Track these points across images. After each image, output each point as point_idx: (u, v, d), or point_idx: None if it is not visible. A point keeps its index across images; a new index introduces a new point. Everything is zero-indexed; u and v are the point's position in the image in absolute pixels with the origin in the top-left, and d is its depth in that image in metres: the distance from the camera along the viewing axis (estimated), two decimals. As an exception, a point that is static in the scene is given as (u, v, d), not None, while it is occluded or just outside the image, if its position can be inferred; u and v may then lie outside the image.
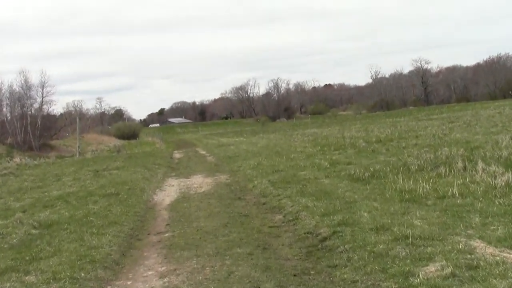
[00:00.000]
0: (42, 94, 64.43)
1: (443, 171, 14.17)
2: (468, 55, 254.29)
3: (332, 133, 40.97)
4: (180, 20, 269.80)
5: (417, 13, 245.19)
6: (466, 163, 14.78)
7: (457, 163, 14.88)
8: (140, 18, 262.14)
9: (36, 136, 58.97)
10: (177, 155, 39.09)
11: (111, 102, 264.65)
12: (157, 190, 18.40)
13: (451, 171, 14.01)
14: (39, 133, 59.87)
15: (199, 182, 19.48)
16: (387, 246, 7.82)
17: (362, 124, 53.21)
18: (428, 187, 11.99)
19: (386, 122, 53.43)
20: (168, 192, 17.81)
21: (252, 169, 20.89)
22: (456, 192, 10.99)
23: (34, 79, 64.61)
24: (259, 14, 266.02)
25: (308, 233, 9.83)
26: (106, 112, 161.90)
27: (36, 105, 64.58)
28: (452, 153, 17.50)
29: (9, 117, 62.09)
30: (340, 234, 8.99)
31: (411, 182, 12.85)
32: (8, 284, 7.92)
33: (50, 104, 67.25)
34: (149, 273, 8.40)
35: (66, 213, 13.80)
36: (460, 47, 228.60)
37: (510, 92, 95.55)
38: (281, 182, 15.88)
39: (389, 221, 9.16)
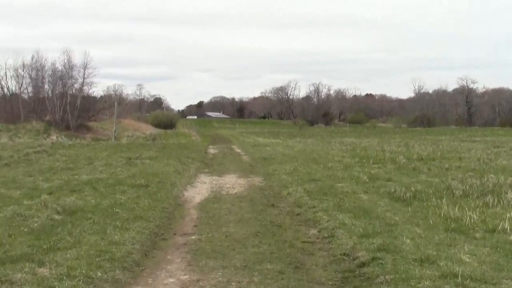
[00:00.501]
0: (84, 74, 64.81)
1: (491, 200, 13.30)
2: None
3: (371, 145, 40.03)
4: (226, 16, 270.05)
5: (466, 32, 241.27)
6: (517, 194, 13.88)
7: (507, 193, 14.02)
8: (186, 9, 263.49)
9: (74, 115, 59.29)
10: (212, 150, 38.60)
11: (151, 90, 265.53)
12: (188, 186, 17.83)
13: (500, 202, 13.12)
14: (77, 113, 60.22)
15: (232, 182, 18.87)
16: (433, 283, 7.02)
17: (402, 139, 52.19)
18: (475, 217, 11.15)
19: (427, 139, 52.35)
20: (200, 189, 17.21)
21: (288, 174, 20.20)
22: (508, 227, 10.13)
23: (77, 60, 64.86)
24: (305, 17, 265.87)
25: (344, 255, 9.08)
26: (145, 99, 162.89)
27: (77, 85, 64.87)
28: (500, 181, 16.54)
29: (49, 95, 62.41)
30: (380, 261, 8.21)
31: (456, 209, 12.03)
32: (19, 275, 7.34)
33: (90, 85, 67.66)
34: (170, 280, 7.78)
35: (92, 200, 13.31)
36: (508, 69, 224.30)
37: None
38: (317, 193, 15.15)
39: (435, 253, 8.38)
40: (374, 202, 13.58)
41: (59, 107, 58.50)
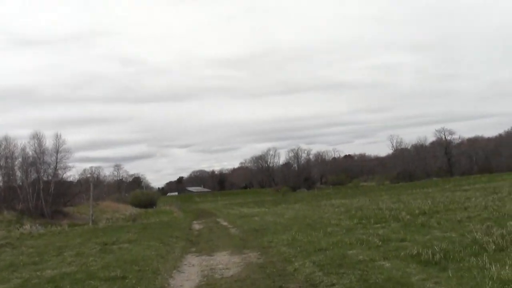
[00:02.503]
0: (56, 159, 62.06)
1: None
2: (490, 127, 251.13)
3: (364, 204, 37.84)
4: (199, 89, 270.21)
5: (436, 88, 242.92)
6: None
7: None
8: (158, 87, 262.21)
9: (48, 202, 56.67)
10: (196, 226, 36.09)
11: (130, 170, 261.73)
12: (174, 271, 14.95)
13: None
14: (51, 199, 57.66)
15: (225, 262, 16.11)
16: None
17: (389, 195, 50.17)
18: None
19: (415, 193, 50.84)
20: (188, 274, 14.37)
21: (287, 246, 17.60)
22: None
23: (48, 144, 62.29)
24: (277, 85, 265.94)
25: None
26: (124, 179, 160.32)
27: (50, 171, 62.14)
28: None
29: (21, 183, 59.77)
30: None
31: (507, 269, 9.68)
32: None
33: (65, 169, 64.80)
34: None
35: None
36: (482, 120, 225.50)
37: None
38: (330, 265, 12.56)
39: None
40: (403, 270, 11.10)
41: (32, 194, 55.80)
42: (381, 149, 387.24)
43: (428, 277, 10.15)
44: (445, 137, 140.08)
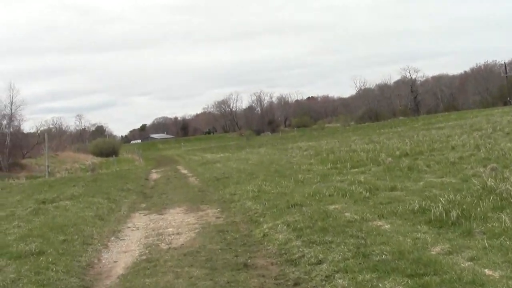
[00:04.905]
0: (11, 110, 59.28)
1: None
2: (453, 65, 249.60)
3: (334, 146, 35.10)
4: (156, 36, 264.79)
5: (393, 27, 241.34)
6: None
7: None
8: (114, 35, 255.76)
9: (5, 154, 53.80)
10: (154, 175, 33.11)
11: (92, 119, 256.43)
12: (113, 238, 11.81)
13: None
14: (8, 151, 54.79)
15: (177, 223, 12.94)
16: None
17: (359, 136, 47.58)
18: None
19: (386, 132, 48.31)
20: (128, 243, 11.17)
21: (253, 199, 14.50)
22: None
23: (2, 95, 59.63)
24: (235, 29, 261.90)
25: None
26: (86, 129, 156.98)
27: (4, 122, 59.31)
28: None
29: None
30: None
31: None
32: None
33: (21, 120, 62.12)
34: None
35: None
36: (443, 58, 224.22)
37: (509, 99, 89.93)
38: (310, 230, 9.44)
39: None
40: (412, 236, 8.13)
41: (-14, 147, 52.92)
42: (344, 90, 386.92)
43: (454, 248, 7.24)
44: (410, 75, 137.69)
